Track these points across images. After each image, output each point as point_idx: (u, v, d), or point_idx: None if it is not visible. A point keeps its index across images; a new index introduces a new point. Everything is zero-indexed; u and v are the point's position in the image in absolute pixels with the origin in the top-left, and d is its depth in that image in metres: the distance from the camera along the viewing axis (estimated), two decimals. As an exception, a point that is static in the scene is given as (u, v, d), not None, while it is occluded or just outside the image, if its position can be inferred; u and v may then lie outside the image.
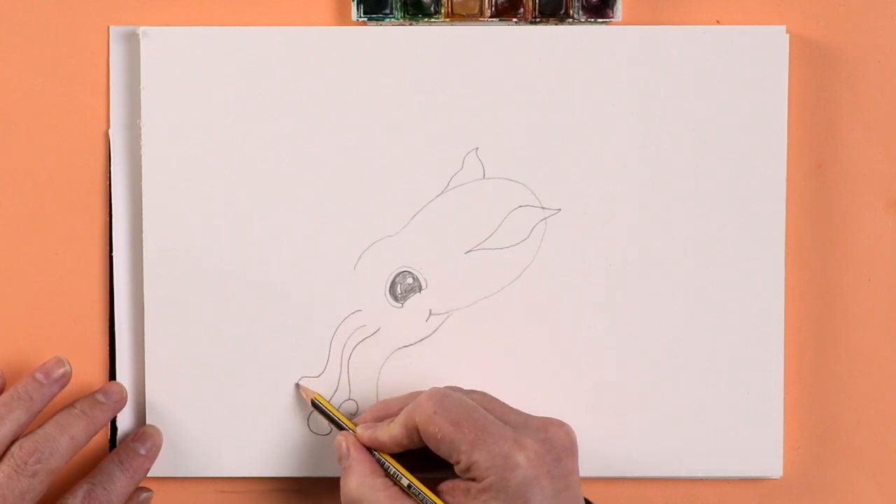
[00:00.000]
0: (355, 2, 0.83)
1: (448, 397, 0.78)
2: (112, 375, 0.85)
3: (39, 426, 0.81)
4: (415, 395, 0.80)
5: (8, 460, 0.79)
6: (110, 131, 0.85)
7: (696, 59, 0.84)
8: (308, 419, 0.85)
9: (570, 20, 0.84)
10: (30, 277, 0.85)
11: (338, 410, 0.83)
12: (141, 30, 0.84)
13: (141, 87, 0.84)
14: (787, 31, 0.84)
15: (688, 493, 0.86)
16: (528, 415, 0.79)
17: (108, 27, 0.84)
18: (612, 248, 0.84)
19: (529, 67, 0.84)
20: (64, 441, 0.80)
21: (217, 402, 0.84)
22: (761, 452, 0.84)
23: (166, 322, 0.84)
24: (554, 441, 0.77)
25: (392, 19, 0.84)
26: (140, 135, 0.84)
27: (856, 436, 0.86)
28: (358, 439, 0.80)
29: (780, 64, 0.84)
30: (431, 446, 0.77)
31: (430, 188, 0.84)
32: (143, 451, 0.83)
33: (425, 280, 0.85)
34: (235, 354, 0.84)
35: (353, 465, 0.79)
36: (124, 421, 0.85)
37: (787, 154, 0.84)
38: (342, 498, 0.79)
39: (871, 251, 0.85)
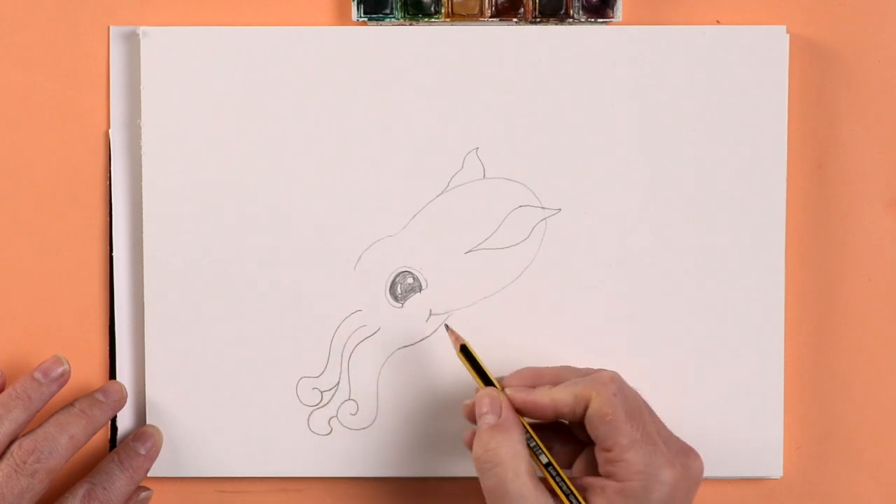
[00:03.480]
0: (355, 2, 0.83)
1: (627, 387, 0.77)
2: (112, 375, 0.85)
3: (39, 425, 0.81)
4: (572, 370, 0.79)
5: (7, 459, 0.79)
6: (110, 131, 0.85)
7: (696, 59, 0.84)
8: (308, 419, 0.85)
9: (570, 20, 0.84)
10: (30, 277, 0.85)
11: (486, 365, 0.80)
12: (141, 30, 0.84)
13: (141, 87, 0.84)
14: (787, 31, 0.84)
15: (688, 493, 0.86)
16: (670, 432, 0.78)
17: (108, 27, 0.84)
18: (613, 247, 0.84)
19: (529, 67, 0.84)
20: (63, 440, 0.80)
21: (217, 402, 0.84)
22: (761, 452, 0.84)
23: (166, 322, 0.84)
24: (692, 470, 0.77)
25: (392, 19, 0.84)
26: (140, 135, 0.84)
27: (856, 436, 0.86)
28: (510, 400, 0.78)
29: (780, 64, 0.84)
30: (592, 423, 0.75)
31: (430, 188, 0.84)
32: (143, 451, 0.83)
33: (425, 280, 0.85)
34: (235, 354, 0.84)
35: (507, 424, 0.76)
36: (124, 421, 0.85)
37: (787, 154, 0.84)
38: (476, 453, 0.76)
39: (871, 251, 0.85)
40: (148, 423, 0.85)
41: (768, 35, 0.84)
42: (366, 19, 0.84)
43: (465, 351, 0.80)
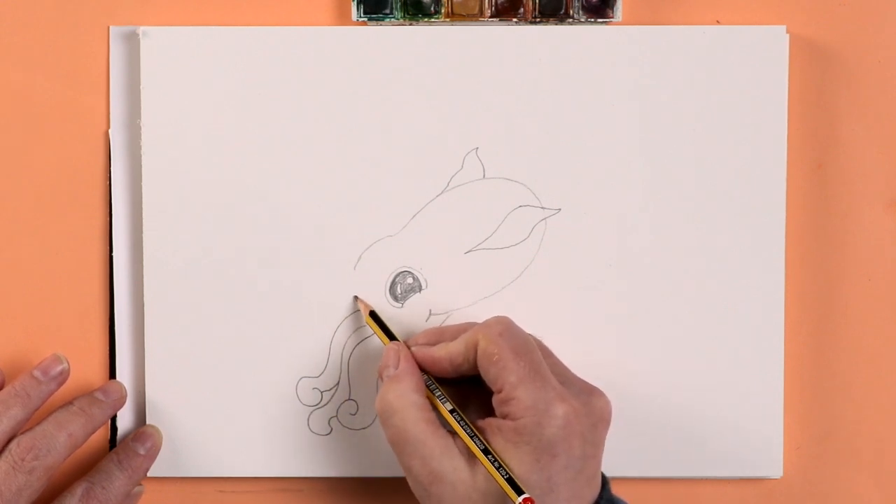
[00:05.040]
0: (355, 2, 0.83)
1: (515, 327, 0.78)
2: (112, 375, 0.85)
3: (38, 423, 0.81)
4: (472, 324, 0.80)
5: (5, 457, 0.79)
6: (110, 131, 0.85)
7: (696, 59, 0.84)
8: (308, 419, 0.85)
9: (570, 20, 0.84)
10: (30, 276, 0.85)
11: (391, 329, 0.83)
12: (141, 30, 0.84)
13: (141, 87, 0.84)
14: (787, 31, 0.84)
15: (688, 493, 0.86)
16: (574, 375, 0.79)
17: (108, 27, 0.85)
18: (612, 247, 0.84)
19: (529, 67, 0.84)
20: (61, 438, 0.80)
21: (217, 402, 0.84)
22: (761, 452, 0.84)
23: (166, 322, 0.84)
24: (593, 407, 0.77)
25: (392, 19, 0.84)
26: (140, 135, 0.84)
27: (856, 436, 0.86)
28: (412, 354, 0.80)
29: (780, 64, 0.84)
30: (482, 366, 0.77)
31: (430, 188, 0.84)
32: (142, 451, 0.83)
33: (425, 280, 0.85)
34: (235, 354, 0.84)
35: (402, 375, 0.79)
36: (124, 420, 0.85)
37: (787, 154, 0.84)
38: (377, 406, 0.78)
39: (871, 251, 0.85)
40: (148, 423, 0.85)
41: (768, 35, 0.84)
42: (366, 19, 0.84)
43: (373, 316, 0.83)
